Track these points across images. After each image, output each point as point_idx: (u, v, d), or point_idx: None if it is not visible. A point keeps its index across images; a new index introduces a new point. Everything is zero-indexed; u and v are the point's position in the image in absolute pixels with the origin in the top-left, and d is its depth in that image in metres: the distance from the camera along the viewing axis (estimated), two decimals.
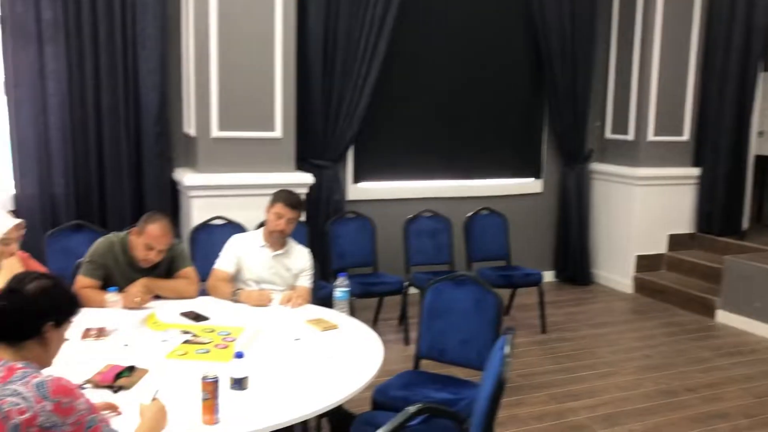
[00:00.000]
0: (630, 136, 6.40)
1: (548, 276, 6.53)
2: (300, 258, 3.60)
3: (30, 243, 4.49)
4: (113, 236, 3.31)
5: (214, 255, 3.59)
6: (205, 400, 1.98)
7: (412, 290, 5.15)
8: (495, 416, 2.21)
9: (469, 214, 5.55)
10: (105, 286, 3.20)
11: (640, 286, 6.38)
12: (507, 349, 2.21)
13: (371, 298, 5.12)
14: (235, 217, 4.77)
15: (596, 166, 6.66)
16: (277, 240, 3.52)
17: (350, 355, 2.70)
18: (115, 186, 4.89)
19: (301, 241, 3.76)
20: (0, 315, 1.70)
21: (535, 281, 5.32)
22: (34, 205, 4.70)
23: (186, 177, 4.77)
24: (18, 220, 2.98)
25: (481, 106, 6.21)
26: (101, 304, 3.09)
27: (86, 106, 4.73)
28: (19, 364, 1.66)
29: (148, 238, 3.16)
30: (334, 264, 5.10)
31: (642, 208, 6.37)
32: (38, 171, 4.68)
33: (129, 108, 4.84)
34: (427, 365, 3.32)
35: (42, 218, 4.70)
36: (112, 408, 2.04)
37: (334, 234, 5.15)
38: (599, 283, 6.73)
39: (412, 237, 5.31)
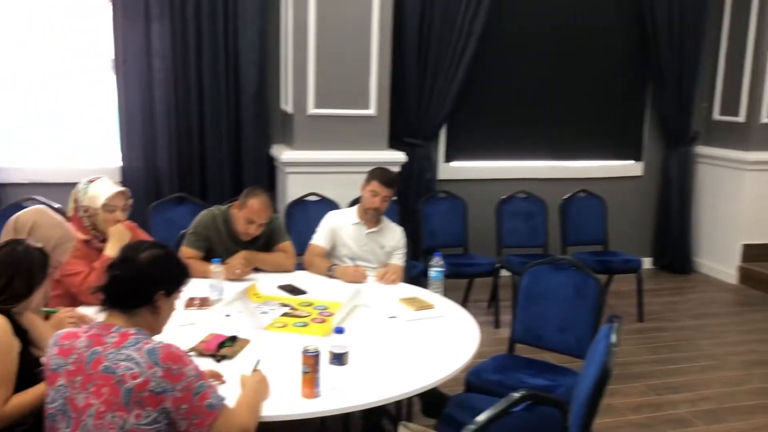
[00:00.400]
0: (741, 118, 6.02)
1: (646, 263, 6.28)
2: (393, 236, 3.60)
3: (135, 214, 4.69)
4: (215, 209, 3.40)
5: (308, 230, 3.64)
6: (305, 373, 2.00)
7: (504, 272, 5.07)
8: (598, 407, 2.13)
9: (566, 196, 5.39)
10: (207, 257, 3.30)
11: (746, 276, 6.03)
12: (613, 338, 2.12)
13: (461, 279, 5.07)
14: (329, 194, 4.80)
15: (702, 149, 6.32)
16: (372, 217, 3.53)
17: (445, 335, 2.67)
18: (214, 161, 5.02)
19: (393, 220, 3.75)
20: (114, 283, 1.76)
21: (634, 268, 5.11)
22: (140, 177, 4.90)
23: (283, 153, 4.85)
24: (121, 188, 3.04)
25: (580, 85, 5.99)
26: (204, 275, 3.17)
27: (189, 83, 4.87)
28: (132, 330, 1.72)
29: (249, 212, 3.23)
30: (425, 243, 5.08)
31: (751, 194, 5.99)
32: (144, 145, 4.86)
33: (229, 85, 4.95)
34: (520, 350, 3.25)
35: (147, 190, 4.89)
36: (217, 376, 2.10)
37: (425, 213, 5.12)
38: (700, 272, 6.40)
39: (505, 218, 5.21)
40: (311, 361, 1.99)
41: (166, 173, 4.94)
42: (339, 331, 2.05)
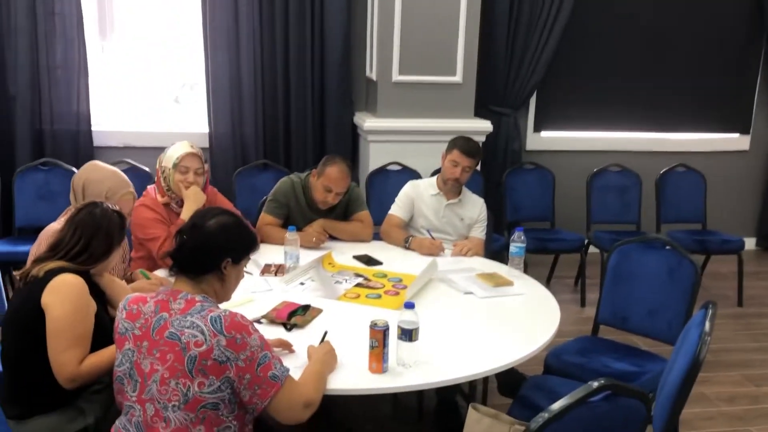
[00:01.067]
0: None
1: (749, 243, 5.86)
2: (474, 208, 3.48)
3: (221, 180, 4.79)
4: (295, 177, 3.38)
5: (389, 200, 3.57)
6: (373, 348, 1.95)
7: (592, 249, 4.85)
8: (686, 398, 1.97)
9: (663, 170, 5.08)
10: (285, 225, 3.30)
11: None
12: (707, 326, 1.95)
13: (546, 255, 4.90)
14: (411, 164, 4.73)
15: None
16: (452, 188, 3.42)
17: (524, 314, 2.56)
18: (299, 127, 5.01)
19: (475, 191, 3.62)
20: (181, 249, 1.75)
21: (735, 249, 4.77)
22: (227, 143, 4.95)
23: (365, 121, 4.78)
24: (194, 149, 3.01)
25: (682, 50, 5.58)
26: (281, 242, 3.18)
27: (275, 48, 4.85)
28: (198, 297, 1.70)
29: (326, 181, 3.19)
30: (509, 217, 4.93)
31: None
32: (230, 111, 4.90)
33: (315, 50, 4.90)
34: (605, 332, 3.08)
35: (233, 156, 4.95)
36: (286, 346, 2.07)
37: (510, 185, 4.96)
38: None
39: (596, 192, 4.97)
40: (379, 335, 1.93)
41: (251, 139, 4.97)
42: (409, 306, 1.97)
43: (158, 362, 1.62)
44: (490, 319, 2.48)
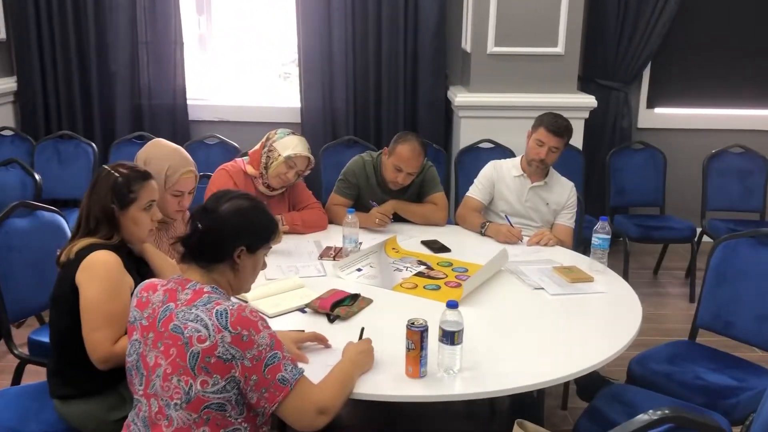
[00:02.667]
0: None
1: None
2: (562, 192, 3.17)
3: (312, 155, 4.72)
4: (366, 155, 3.22)
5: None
6: (409, 350, 1.75)
7: (706, 239, 4.37)
8: None
9: None
10: (357, 205, 3.15)
11: None
12: None
13: (652, 245, 4.47)
14: (505, 142, 4.43)
15: None
16: (537, 170, 3.12)
17: (601, 315, 2.26)
18: (390, 102, 4.83)
19: (576, 173, 3.31)
20: (191, 235, 1.62)
21: None
22: (317, 118, 4.87)
23: (457, 96, 4.52)
24: (311, 156, 2.95)
25: None
26: None
27: (367, 20, 4.68)
28: (207, 288, 1.58)
29: (397, 160, 3.00)
30: (612, 201, 4.53)
31: None
32: (321, 85, 4.80)
33: (408, 21, 4.68)
34: (705, 337, 2.70)
35: (324, 131, 4.86)
36: (321, 340, 1.92)
37: (615, 166, 4.54)
38: None
39: (713, 176, 4.45)
40: (416, 337, 1.73)
41: (342, 114, 4.86)
42: (452, 305, 1.75)
43: (162, 356, 1.52)
44: (559, 320, 2.21)
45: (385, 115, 4.88)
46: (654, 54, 4.77)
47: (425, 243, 2.87)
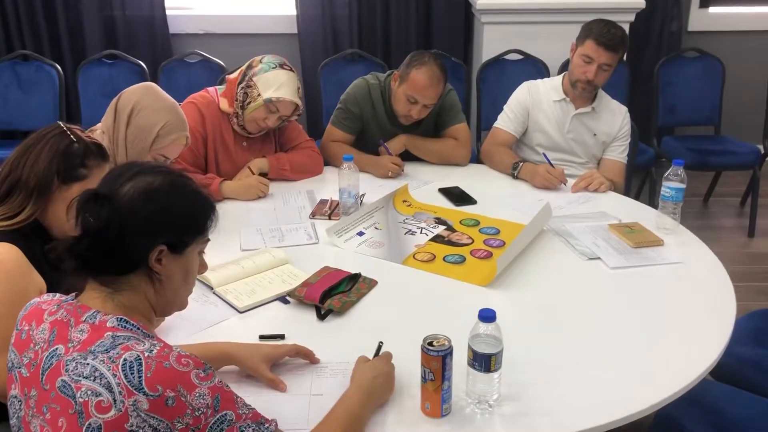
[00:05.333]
0: None
1: None
2: (613, 120, 2.56)
3: (310, 72, 4.10)
4: (372, 78, 2.59)
5: (504, 101, 2.68)
6: (426, 381, 1.23)
7: None
8: None
9: None
10: (360, 140, 2.58)
11: None
12: None
13: (707, 172, 3.87)
14: (537, 52, 3.79)
15: None
16: (584, 93, 2.50)
17: (680, 300, 1.69)
18: (400, 7, 4.14)
19: (618, 88, 2.66)
20: (81, 237, 1.06)
21: None
22: (316, 28, 4.20)
23: None
24: (299, 102, 2.30)
25: None
26: (358, 166, 2.48)
27: None
28: (111, 321, 1.03)
29: (411, 89, 2.39)
30: (661, 120, 3.89)
31: None
32: None
33: None
34: None
35: (323, 43, 4.21)
36: (305, 355, 1.39)
37: (664, 79, 3.87)
38: None
39: None
40: (435, 364, 1.21)
41: (345, 23, 4.18)
42: (487, 317, 1.22)
43: (48, 428, 1.00)
44: (624, 310, 1.64)
45: (394, 24, 4.20)
46: None
47: (444, 192, 2.30)
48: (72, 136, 1.51)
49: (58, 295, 1.13)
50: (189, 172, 2.12)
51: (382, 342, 1.35)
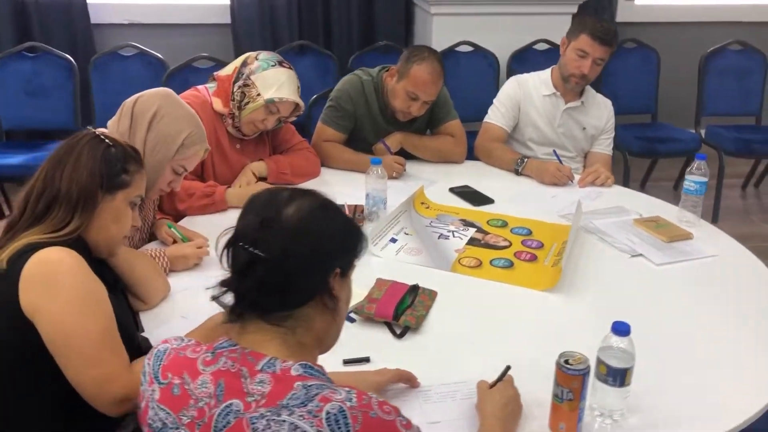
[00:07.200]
0: None
1: None
2: (600, 113, 2.62)
3: None
4: (363, 74, 2.48)
5: (461, 95, 2.68)
6: (563, 401, 1.17)
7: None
8: None
9: None
10: (352, 139, 2.48)
11: None
12: None
13: (646, 159, 4.05)
14: (485, 43, 3.80)
15: None
16: (576, 87, 2.53)
17: (735, 292, 1.71)
18: None
19: None
20: (246, 273, 0.92)
21: None
22: (252, 16, 3.99)
23: None
24: (301, 102, 2.17)
25: None
26: (347, 165, 2.38)
27: None
28: (297, 369, 0.90)
29: (412, 85, 2.31)
30: None
31: None
32: None
33: None
34: None
35: (261, 34, 4.01)
36: (408, 380, 1.30)
37: (606, 70, 3.98)
38: None
39: (710, 77, 4.01)
40: (575, 383, 1.16)
41: (283, 11, 4.00)
42: (621, 330, 1.18)
43: None
44: (694, 306, 1.63)
45: (334, 10, 4.07)
46: None
47: (457, 192, 2.25)
48: (107, 140, 1.35)
49: (192, 339, 0.98)
50: (187, 178, 1.94)
51: (509, 366, 1.28)
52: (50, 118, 3.47)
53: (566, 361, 1.17)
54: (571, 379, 1.16)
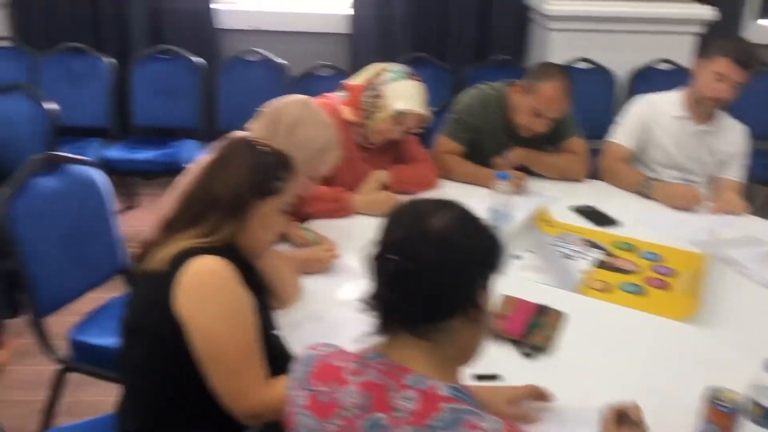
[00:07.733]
0: None
1: None
2: (733, 138, 2.50)
3: None
4: (489, 88, 2.48)
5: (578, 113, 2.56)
6: None
7: None
8: None
9: None
10: (472, 152, 2.47)
11: None
12: None
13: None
14: (604, 60, 3.73)
15: None
16: (708, 110, 2.43)
17: None
18: (456, 9, 4.03)
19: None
20: (392, 285, 0.93)
21: None
22: (370, 28, 4.07)
23: (546, 2, 3.72)
24: (426, 113, 2.20)
25: None
26: (467, 179, 2.38)
27: None
28: (445, 390, 0.90)
29: (538, 101, 2.29)
30: None
31: None
32: None
33: None
34: None
35: (378, 45, 4.07)
36: (542, 397, 1.28)
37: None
38: None
39: None
40: (726, 422, 1.11)
41: (400, 24, 4.05)
42: None
43: None
44: None
45: (451, 25, 4.08)
46: None
47: (579, 211, 2.21)
48: (258, 146, 1.40)
49: (337, 347, 1.01)
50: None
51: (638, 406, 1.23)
52: (177, 117, 3.66)
53: (716, 399, 1.13)
54: (724, 417, 1.12)
